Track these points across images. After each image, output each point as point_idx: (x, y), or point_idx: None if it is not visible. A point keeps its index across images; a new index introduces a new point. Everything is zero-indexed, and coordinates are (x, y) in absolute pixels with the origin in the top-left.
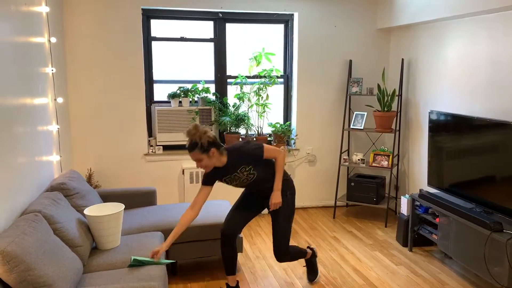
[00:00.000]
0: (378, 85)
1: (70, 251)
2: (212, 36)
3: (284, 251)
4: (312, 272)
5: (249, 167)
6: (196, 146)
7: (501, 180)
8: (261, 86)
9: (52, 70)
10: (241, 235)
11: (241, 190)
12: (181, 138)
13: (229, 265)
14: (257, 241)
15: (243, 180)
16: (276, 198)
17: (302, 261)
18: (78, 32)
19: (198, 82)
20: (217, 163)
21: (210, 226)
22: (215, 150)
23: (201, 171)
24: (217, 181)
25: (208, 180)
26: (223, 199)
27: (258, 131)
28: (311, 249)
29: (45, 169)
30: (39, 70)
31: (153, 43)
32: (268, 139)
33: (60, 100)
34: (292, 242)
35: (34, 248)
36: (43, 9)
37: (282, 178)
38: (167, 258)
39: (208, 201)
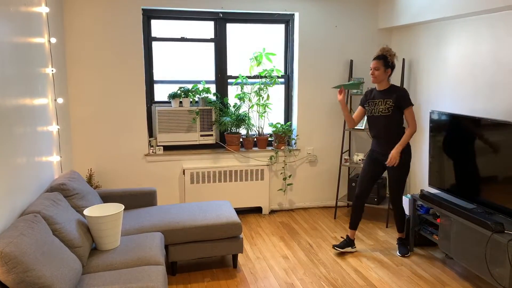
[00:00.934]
0: None
1: (69, 252)
2: (212, 36)
3: (397, 201)
4: (401, 248)
5: (391, 104)
6: (384, 58)
7: (502, 181)
8: (262, 86)
9: (52, 70)
10: (242, 235)
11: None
12: (182, 138)
13: (355, 220)
14: (257, 242)
15: (380, 110)
16: (395, 153)
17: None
18: (78, 33)
19: (199, 82)
20: (383, 80)
21: (210, 227)
22: (390, 71)
23: (201, 171)
24: (364, 106)
25: (363, 99)
26: (223, 199)
27: (258, 131)
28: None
29: (45, 170)
30: (39, 70)
31: (154, 43)
32: (269, 139)
33: (60, 100)
34: (292, 242)
35: (32, 249)
36: (43, 9)
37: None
38: (167, 258)
39: (208, 201)
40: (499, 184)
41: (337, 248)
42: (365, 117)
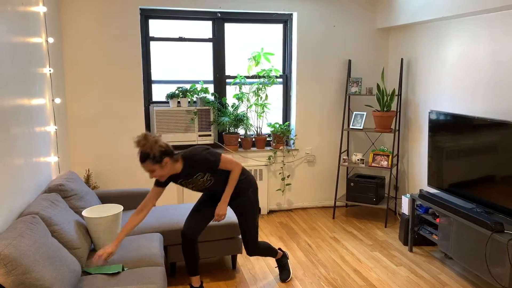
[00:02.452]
0: (378, 85)
1: (68, 253)
2: (210, 36)
3: (252, 245)
4: (284, 271)
5: (206, 174)
6: (147, 157)
7: (501, 180)
8: (260, 86)
9: (50, 70)
10: (239, 236)
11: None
12: (180, 139)
13: (192, 266)
14: None
15: (200, 185)
16: (221, 209)
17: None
18: (76, 32)
19: (197, 82)
20: (171, 171)
21: (209, 227)
22: (168, 159)
23: None
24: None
25: (162, 181)
26: None
27: (257, 131)
28: (283, 251)
29: (42, 170)
30: (37, 70)
31: (152, 43)
32: (268, 139)
33: (57, 100)
34: (291, 242)
35: (31, 251)
36: (41, 9)
37: (241, 177)
38: (166, 258)
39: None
40: (498, 184)
41: None
42: (363, 118)
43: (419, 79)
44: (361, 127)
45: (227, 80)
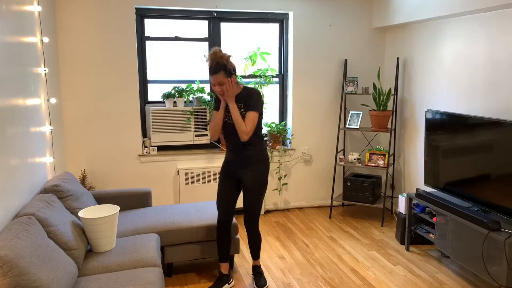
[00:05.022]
0: (374, 84)
1: (64, 255)
2: (206, 35)
3: (254, 222)
4: (261, 278)
5: (242, 108)
6: (222, 68)
7: (497, 179)
8: (256, 85)
9: (45, 70)
10: (238, 236)
11: None
12: (176, 139)
13: (224, 252)
14: None
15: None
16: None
17: (278, 268)
18: (71, 32)
19: (193, 82)
20: (234, 89)
21: (205, 228)
22: (235, 77)
23: (196, 172)
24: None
25: (218, 104)
26: None
27: None
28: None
29: (38, 171)
30: (32, 70)
31: (147, 42)
32: (264, 139)
33: (53, 100)
34: (288, 242)
35: (27, 252)
36: (35, 8)
37: (260, 151)
38: (163, 259)
39: (204, 202)
40: (494, 182)
41: None
42: (359, 117)
43: (415, 78)
44: (358, 127)
45: None
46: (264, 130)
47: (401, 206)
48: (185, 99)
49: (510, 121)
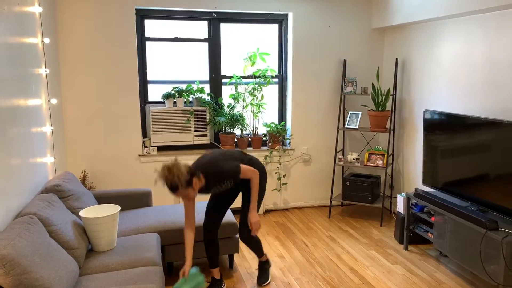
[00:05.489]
0: (373, 85)
1: (66, 254)
2: (206, 36)
3: (248, 230)
4: (263, 275)
5: (228, 181)
6: (179, 187)
7: (495, 179)
8: (256, 86)
9: (46, 71)
10: (237, 236)
11: None
12: (176, 139)
13: (212, 258)
14: None
15: (223, 189)
16: (253, 217)
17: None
18: (71, 33)
19: (193, 82)
20: (199, 186)
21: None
22: (195, 179)
23: None
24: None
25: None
26: None
27: (253, 131)
28: (268, 258)
29: (39, 171)
30: (33, 71)
31: (147, 43)
32: (263, 139)
33: (54, 101)
34: (287, 242)
35: (30, 251)
36: (36, 9)
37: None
38: (163, 259)
39: (203, 202)
40: (492, 182)
41: None
42: (358, 117)
43: (414, 78)
44: (357, 127)
45: (223, 80)
46: (264, 130)
47: (400, 205)
48: (185, 100)
49: (508, 121)
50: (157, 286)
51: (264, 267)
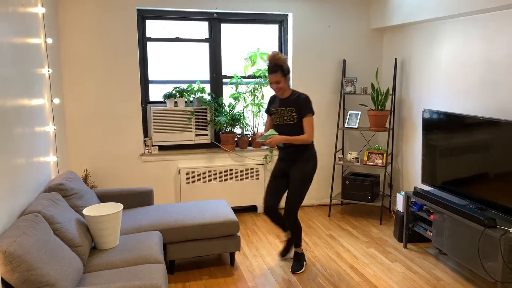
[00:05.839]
0: (372, 85)
1: (70, 251)
2: (207, 36)
3: (292, 212)
4: (297, 264)
5: (294, 112)
6: (280, 68)
7: (493, 177)
8: (256, 86)
9: (49, 71)
10: (239, 233)
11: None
12: (177, 138)
13: (282, 226)
14: (254, 240)
15: (285, 118)
16: (275, 140)
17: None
18: (73, 33)
19: (194, 82)
20: (286, 90)
21: (207, 225)
22: (288, 77)
23: (197, 171)
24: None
25: (268, 109)
26: (219, 198)
27: (253, 130)
28: (304, 254)
29: (42, 170)
30: (36, 71)
31: (148, 43)
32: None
33: (56, 101)
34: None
35: (35, 248)
36: (39, 10)
37: (310, 148)
38: (165, 257)
39: (205, 200)
40: (490, 181)
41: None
42: (357, 117)
43: (413, 78)
44: (356, 126)
45: (224, 80)
46: None
47: (399, 204)
48: (186, 99)
49: (506, 120)
50: (161, 282)
51: (298, 257)
